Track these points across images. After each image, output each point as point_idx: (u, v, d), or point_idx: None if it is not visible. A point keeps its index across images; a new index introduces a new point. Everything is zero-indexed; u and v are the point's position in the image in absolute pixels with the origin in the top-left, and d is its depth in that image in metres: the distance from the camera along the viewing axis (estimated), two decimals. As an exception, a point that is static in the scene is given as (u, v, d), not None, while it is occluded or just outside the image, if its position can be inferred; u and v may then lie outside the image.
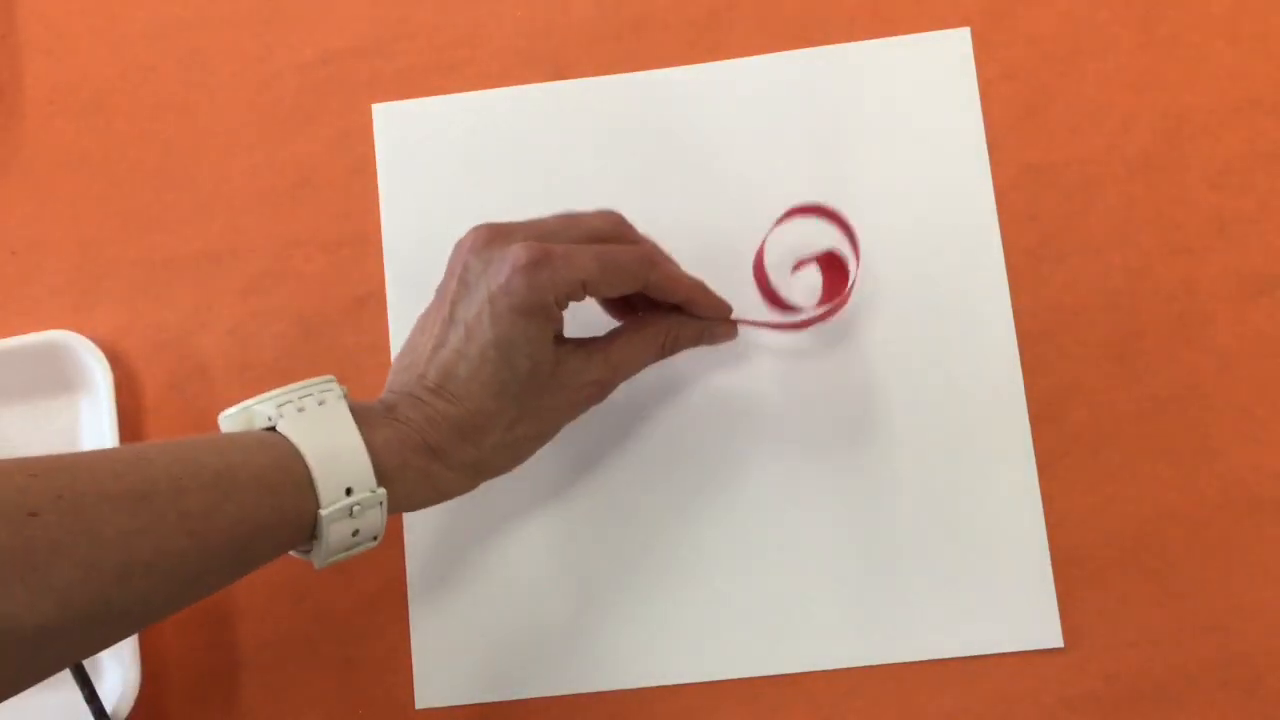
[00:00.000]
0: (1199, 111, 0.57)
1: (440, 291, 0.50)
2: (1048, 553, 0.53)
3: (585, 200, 0.58)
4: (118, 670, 0.54)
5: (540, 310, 0.47)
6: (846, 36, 0.59)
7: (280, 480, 0.43)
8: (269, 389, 0.58)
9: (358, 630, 0.56)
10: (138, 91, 0.61)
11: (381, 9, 0.61)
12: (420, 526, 0.56)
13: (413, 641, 0.55)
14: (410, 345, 0.49)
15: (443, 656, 0.55)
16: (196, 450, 0.42)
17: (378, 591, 0.56)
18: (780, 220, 0.54)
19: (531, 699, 0.54)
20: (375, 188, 0.59)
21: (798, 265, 0.55)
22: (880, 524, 0.54)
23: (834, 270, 0.54)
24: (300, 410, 0.45)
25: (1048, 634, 0.53)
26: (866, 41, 0.59)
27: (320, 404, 0.45)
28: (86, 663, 0.53)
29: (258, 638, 0.56)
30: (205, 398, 0.58)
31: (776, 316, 0.55)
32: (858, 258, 0.54)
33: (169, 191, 0.60)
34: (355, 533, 0.44)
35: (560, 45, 0.60)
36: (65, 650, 0.39)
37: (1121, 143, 0.57)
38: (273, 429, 0.45)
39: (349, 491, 0.43)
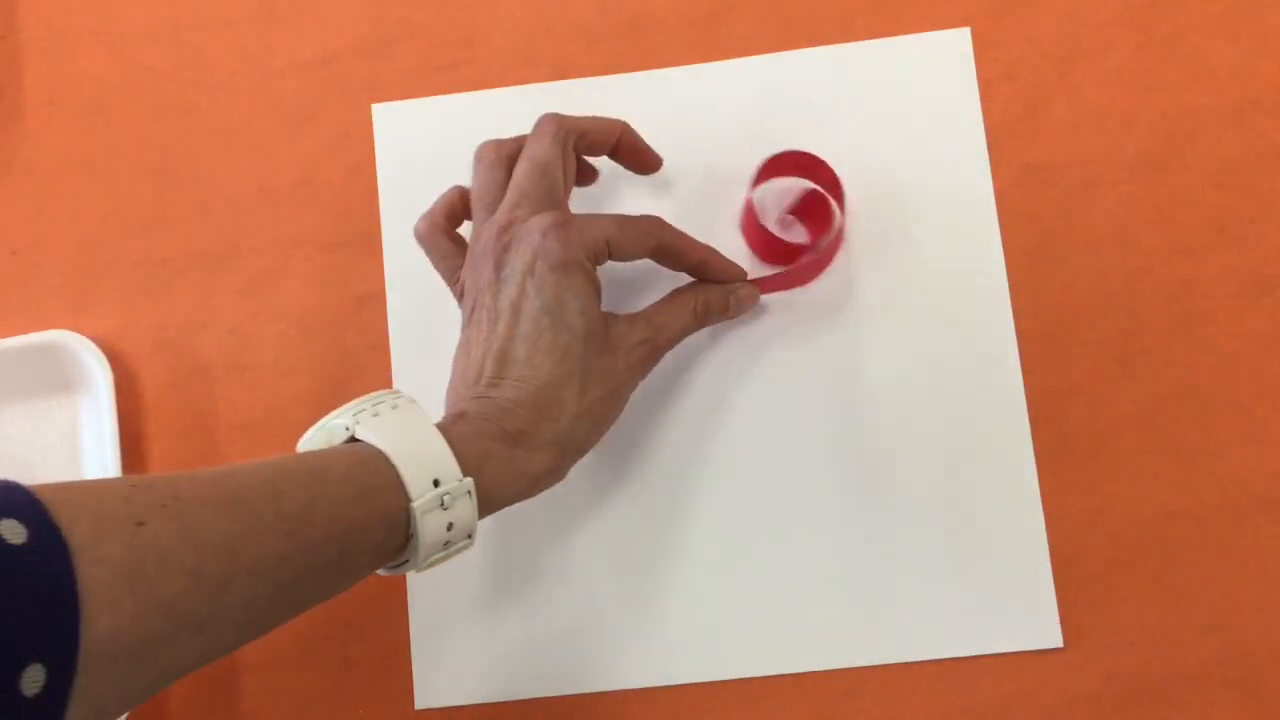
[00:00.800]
0: (1199, 111, 0.57)
1: (468, 310, 0.50)
2: (1047, 553, 0.53)
3: (583, 201, 0.58)
4: (118, 670, 0.54)
5: (577, 266, 0.48)
6: (846, 36, 0.59)
7: (368, 479, 0.42)
8: (269, 389, 0.58)
9: (358, 630, 0.56)
10: (138, 91, 0.61)
11: (381, 9, 0.61)
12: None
13: (412, 642, 0.55)
14: (457, 369, 0.49)
15: (442, 657, 0.55)
16: (286, 459, 0.43)
17: (378, 592, 0.56)
18: (759, 175, 0.56)
19: (531, 699, 0.54)
20: (375, 188, 0.59)
21: (779, 220, 0.57)
22: (880, 524, 0.54)
23: (818, 211, 0.56)
24: (375, 415, 0.45)
25: (1047, 634, 0.53)
26: (866, 41, 0.59)
27: (394, 408, 0.45)
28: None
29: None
30: (205, 398, 0.58)
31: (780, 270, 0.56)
32: (840, 195, 0.55)
33: (169, 191, 0.60)
34: (449, 527, 0.44)
35: (560, 45, 0.60)
36: (170, 664, 0.38)
37: (1121, 143, 0.57)
38: (352, 440, 0.45)
39: (436, 484, 0.43)
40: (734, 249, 0.56)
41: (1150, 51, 0.58)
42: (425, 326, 0.58)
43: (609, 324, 0.50)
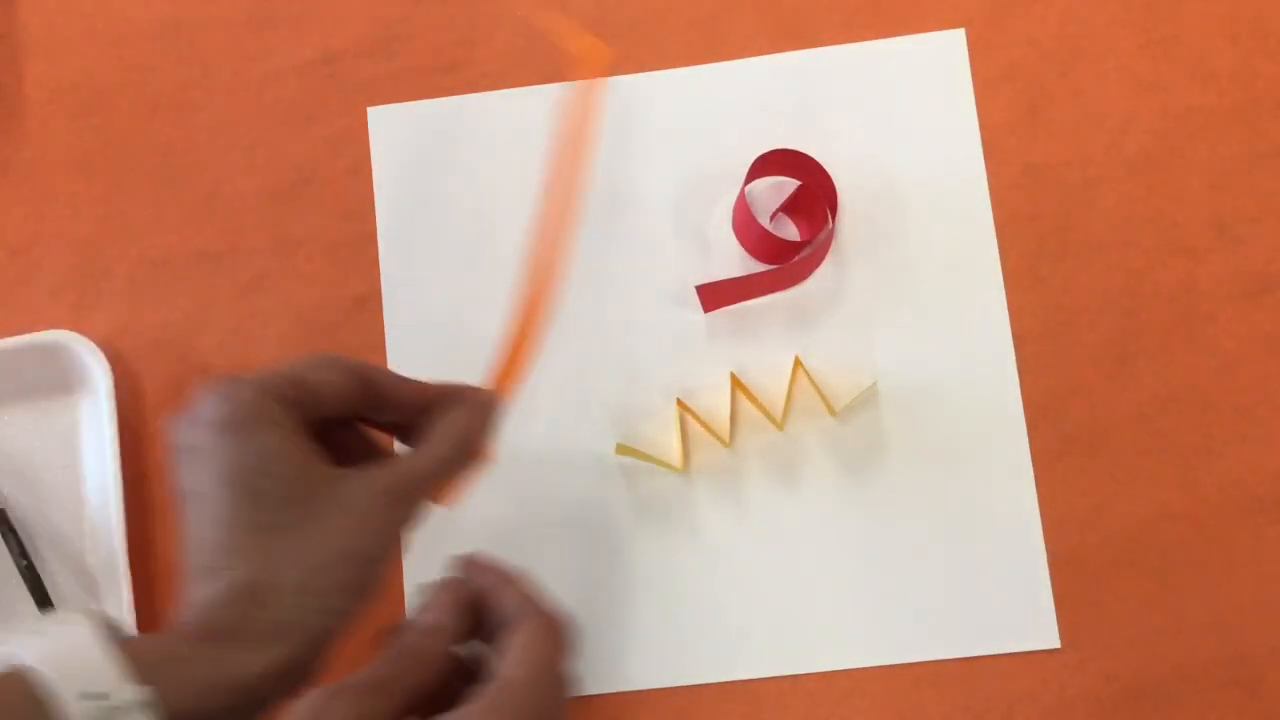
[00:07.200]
0: (1199, 111, 0.57)
1: (180, 513, 0.42)
2: (1044, 554, 0.53)
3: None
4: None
5: (257, 419, 0.40)
6: (845, 38, 0.59)
7: (5, 699, 0.36)
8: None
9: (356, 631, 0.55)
10: (138, 91, 0.61)
11: (381, 9, 0.61)
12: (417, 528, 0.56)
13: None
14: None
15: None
16: None
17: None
18: (751, 173, 0.56)
19: (531, 699, 0.54)
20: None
21: (772, 217, 0.57)
22: (878, 526, 0.54)
23: (811, 208, 0.56)
24: (41, 634, 0.38)
25: (1045, 635, 0.53)
26: (862, 43, 0.59)
27: (62, 624, 0.38)
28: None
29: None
30: (205, 398, 0.58)
31: (772, 268, 0.56)
32: (833, 193, 0.55)
33: (169, 191, 0.60)
34: None
35: (560, 45, 0.60)
36: None
37: (1121, 143, 0.57)
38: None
39: (102, 697, 0.36)
40: (727, 246, 0.57)
41: (1150, 51, 0.58)
42: (421, 327, 0.58)
43: (331, 479, 0.41)
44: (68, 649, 0.37)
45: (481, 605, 0.43)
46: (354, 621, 0.41)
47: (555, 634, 0.41)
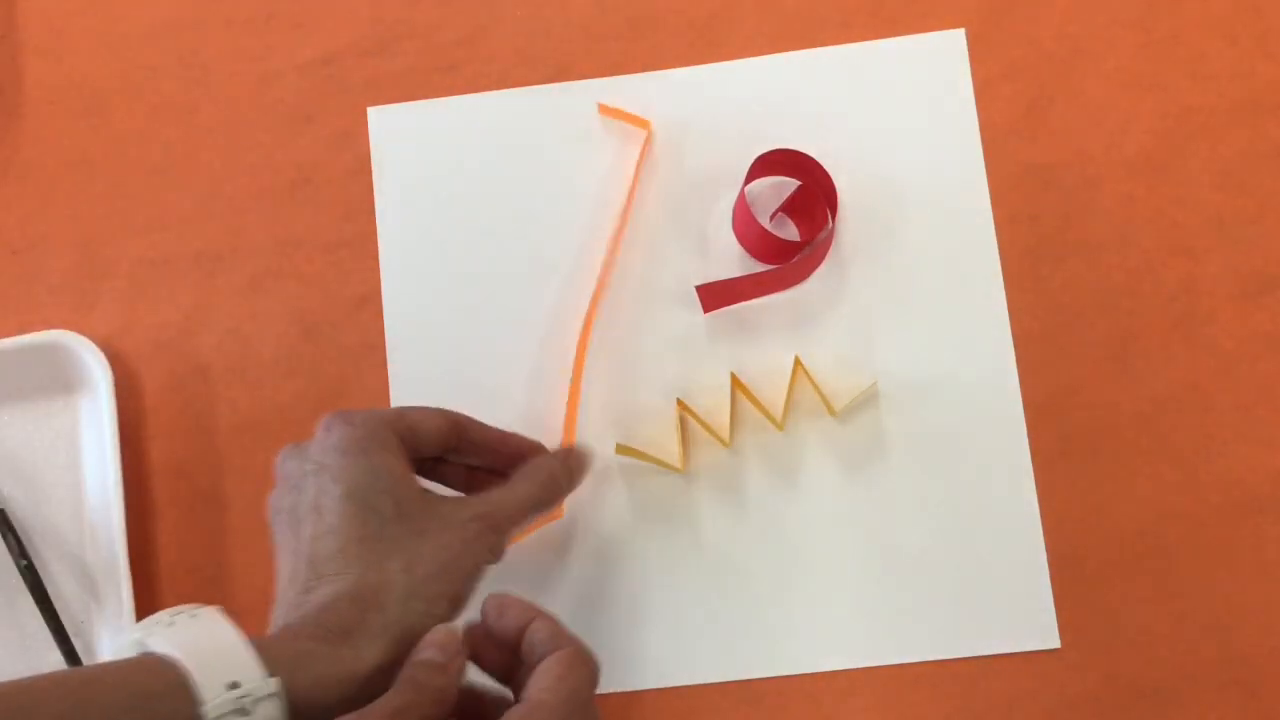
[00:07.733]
0: (1199, 111, 0.57)
1: (275, 537, 0.47)
2: (1044, 554, 0.53)
3: (579, 201, 0.58)
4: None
5: (374, 443, 0.46)
6: (845, 38, 0.59)
7: (147, 684, 0.38)
8: (269, 389, 0.58)
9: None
10: (138, 91, 0.61)
11: (381, 9, 0.61)
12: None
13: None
14: (278, 590, 0.46)
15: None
16: (59, 671, 0.39)
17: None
18: (751, 173, 0.56)
19: (531, 699, 0.54)
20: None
21: (772, 217, 0.57)
22: (878, 526, 0.54)
23: (810, 209, 0.56)
24: (170, 625, 0.41)
25: (1044, 635, 0.53)
26: (862, 43, 0.59)
27: (192, 617, 0.41)
28: (86, 660, 0.54)
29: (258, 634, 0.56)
30: (205, 398, 0.58)
31: (772, 267, 0.56)
32: (833, 193, 0.55)
33: (169, 191, 0.60)
34: None
35: (560, 45, 0.60)
36: None
37: (1121, 143, 0.57)
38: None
39: (235, 687, 0.39)
40: (727, 246, 0.57)
41: (1150, 51, 0.58)
42: (421, 327, 0.58)
43: (433, 502, 0.47)
44: (206, 641, 0.40)
45: (508, 639, 0.45)
46: None
47: (584, 665, 0.44)
